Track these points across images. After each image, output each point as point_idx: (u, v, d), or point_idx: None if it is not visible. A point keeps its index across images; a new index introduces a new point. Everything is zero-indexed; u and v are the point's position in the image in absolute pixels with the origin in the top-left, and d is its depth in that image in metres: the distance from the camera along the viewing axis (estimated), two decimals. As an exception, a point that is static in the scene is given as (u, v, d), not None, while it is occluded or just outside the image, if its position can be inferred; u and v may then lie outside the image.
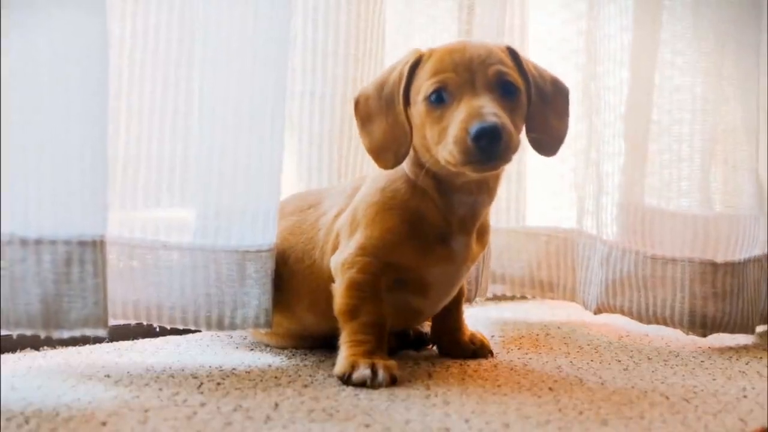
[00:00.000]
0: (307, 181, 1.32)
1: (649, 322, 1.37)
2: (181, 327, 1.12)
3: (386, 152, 1.06)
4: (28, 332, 0.95)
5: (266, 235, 1.11)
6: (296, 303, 1.15)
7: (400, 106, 1.05)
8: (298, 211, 1.18)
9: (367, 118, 1.08)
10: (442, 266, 1.08)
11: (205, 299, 1.10)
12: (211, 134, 1.10)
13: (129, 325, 1.23)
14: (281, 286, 1.14)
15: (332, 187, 1.24)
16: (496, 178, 1.09)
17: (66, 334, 0.96)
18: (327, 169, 1.33)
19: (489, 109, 0.97)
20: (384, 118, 1.06)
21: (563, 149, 1.52)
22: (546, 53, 1.57)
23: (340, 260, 1.07)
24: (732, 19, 1.38)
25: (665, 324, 1.36)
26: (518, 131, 1.03)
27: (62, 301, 0.95)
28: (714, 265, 1.34)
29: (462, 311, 1.22)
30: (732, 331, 1.35)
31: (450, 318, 1.20)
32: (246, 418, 0.87)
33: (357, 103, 1.09)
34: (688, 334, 1.35)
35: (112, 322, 1.16)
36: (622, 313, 1.39)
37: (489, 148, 0.95)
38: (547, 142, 1.09)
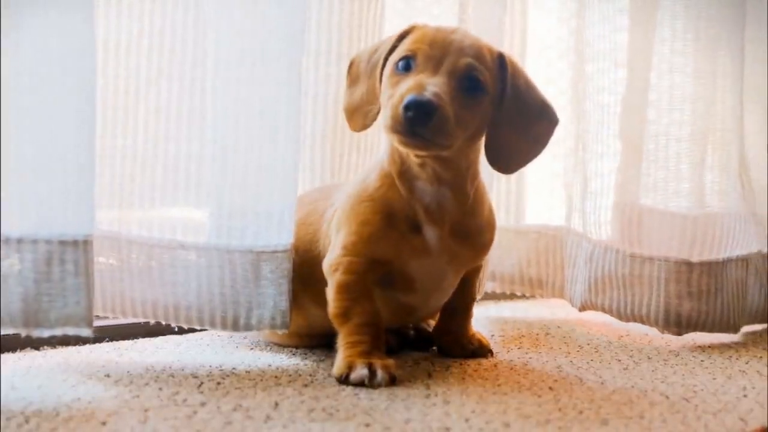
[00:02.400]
0: (301, 181, 1.32)
1: (627, 320, 1.38)
2: (198, 327, 1.13)
3: (357, 114, 1.09)
4: (9, 331, 0.95)
5: (282, 236, 1.11)
6: (305, 295, 1.15)
7: (378, 71, 1.07)
8: (312, 202, 1.19)
9: (355, 80, 1.11)
10: (419, 259, 1.07)
11: (221, 299, 1.11)
12: (225, 134, 1.10)
13: (128, 324, 1.23)
14: (294, 278, 1.14)
15: (347, 182, 1.24)
16: (458, 174, 1.07)
17: (47, 333, 0.96)
18: (320, 168, 1.33)
19: (432, 88, 0.97)
20: (366, 81, 1.09)
21: (557, 147, 1.54)
22: (545, 51, 1.57)
23: (328, 262, 1.08)
24: (724, 19, 1.38)
25: (642, 322, 1.37)
26: (466, 129, 1.01)
27: (42, 300, 0.95)
28: (689, 265, 1.34)
29: (469, 316, 1.21)
30: (710, 330, 1.35)
31: (455, 319, 1.19)
32: (246, 418, 0.87)
33: (351, 65, 1.12)
34: (663, 332, 1.36)
35: (130, 320, 1.17)
36: (603, 311, 1.40)
37: (416, 123, 0.95)
38: (505, 159, 1.08)
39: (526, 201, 1.59)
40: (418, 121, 0.95)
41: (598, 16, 1.41)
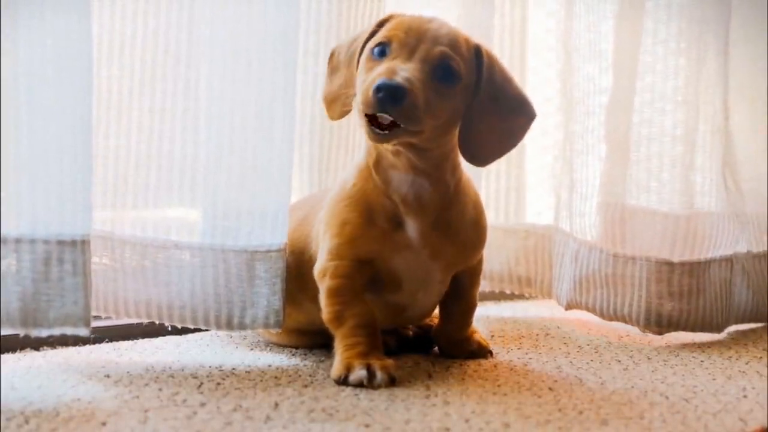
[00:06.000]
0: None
1: (610, 320, 1.39)
2: (191, 326, 1.13)
3: (336, 102, 1.09)
4: (8, 331, 0.95)
5: (275, 235, 1.12)
6: (302, 294, 1.15)
7: (356, 59, 1.07)
8: (309, 205, 1.19)
9: (335, 69, 1.11)
10: (402, 254, 1.07)
11: (215, 299, 1.11)
12: (219, 134, 1.10)
13: (128, 324, 1.23)
14: (291, 278, 1.14)
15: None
16: (434, 164, 1.06)
17: (45, 333, 0.96)
18: (308, 169, 1.33)
19: (404, 73, 0.97)
20: (345, 70, 1.09)
21: (554, 149, 1.54)
22: (545, 53, 1.57)
23: (317, 269, 1.08)
24: (709, 19, 1.38)
25: (624, 321, 1.38)
26: (437, 117, 1.01)
27: (40, 300, 0.95)
28: (670, 265, 1.35)
29: (470, 320, 1.20)
30: (693, 330, 1.36)
31: (455, 321, 1.19)
32: (246, 418, 0.87)
33: (332, 55, 1.12)
34: (644, 332, 1.37)
35: (130, 320, 1.18)
36: (587, 309, 1.41)
37: (386, 103, 0.95)
38: (477, 150, 1.07)
39: (525, 200, 1.59)
40: (387, 102, 0.95)
41: (589, 18, 1.41)
